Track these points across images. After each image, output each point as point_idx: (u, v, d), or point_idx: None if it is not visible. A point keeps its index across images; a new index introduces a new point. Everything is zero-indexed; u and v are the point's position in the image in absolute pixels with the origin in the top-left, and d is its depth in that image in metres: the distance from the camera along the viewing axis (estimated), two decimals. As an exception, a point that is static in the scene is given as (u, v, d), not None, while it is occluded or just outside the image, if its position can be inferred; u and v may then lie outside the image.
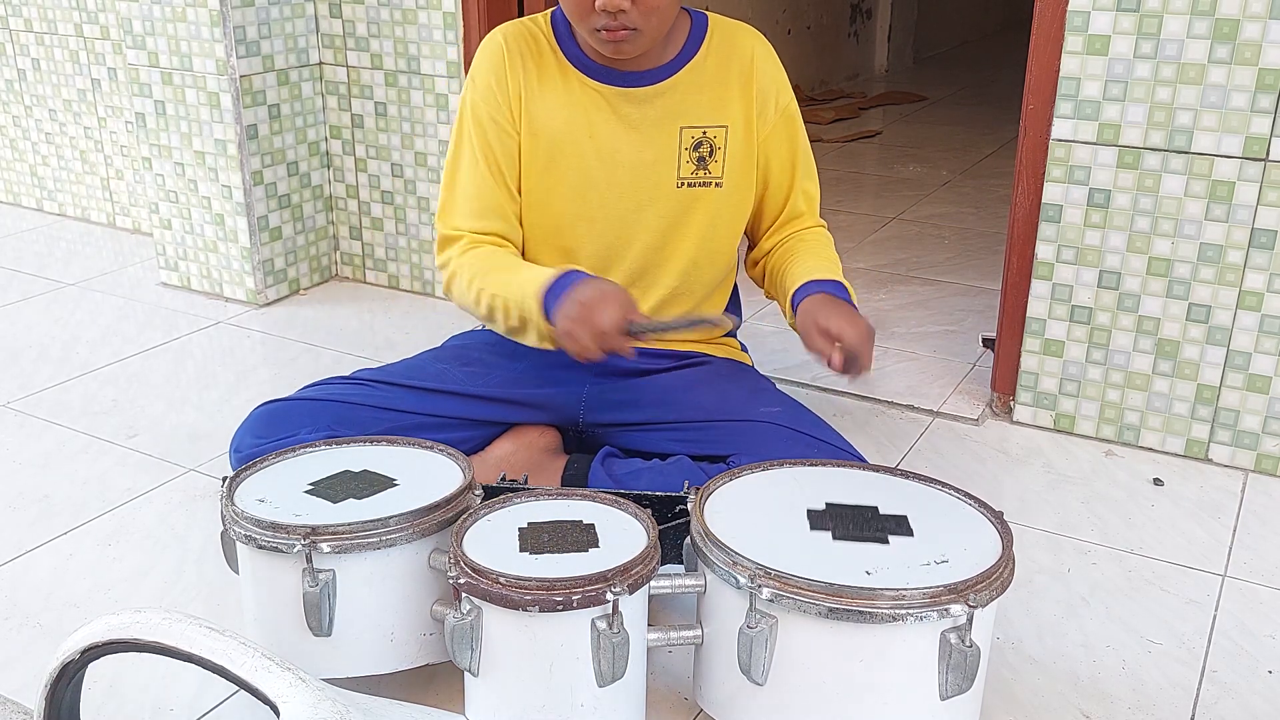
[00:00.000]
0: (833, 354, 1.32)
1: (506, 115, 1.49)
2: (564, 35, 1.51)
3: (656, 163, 1.50)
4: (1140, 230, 1.71)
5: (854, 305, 1.43)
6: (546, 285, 1.36)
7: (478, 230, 1.49)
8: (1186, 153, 1.65)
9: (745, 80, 1.52)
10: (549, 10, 1.54)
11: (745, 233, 1.65)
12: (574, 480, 1.49)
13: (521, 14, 2.27)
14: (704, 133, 1.50)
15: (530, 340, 1.45)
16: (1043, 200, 1.77)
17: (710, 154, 1.51)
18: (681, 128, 1.50)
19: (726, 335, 1.69)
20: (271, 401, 1.53)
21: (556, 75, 1.50)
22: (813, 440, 1.44)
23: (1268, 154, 1.61)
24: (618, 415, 1.55)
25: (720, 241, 1.57)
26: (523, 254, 1.55)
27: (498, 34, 1.52)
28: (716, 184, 1.52)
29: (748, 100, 1.52)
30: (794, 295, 1.46)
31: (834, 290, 1.45)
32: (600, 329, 1.30)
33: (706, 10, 1.60)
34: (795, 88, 4.53)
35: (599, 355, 1.32)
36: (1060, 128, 1.72)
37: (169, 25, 2.30)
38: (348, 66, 2.39)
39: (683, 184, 1.51)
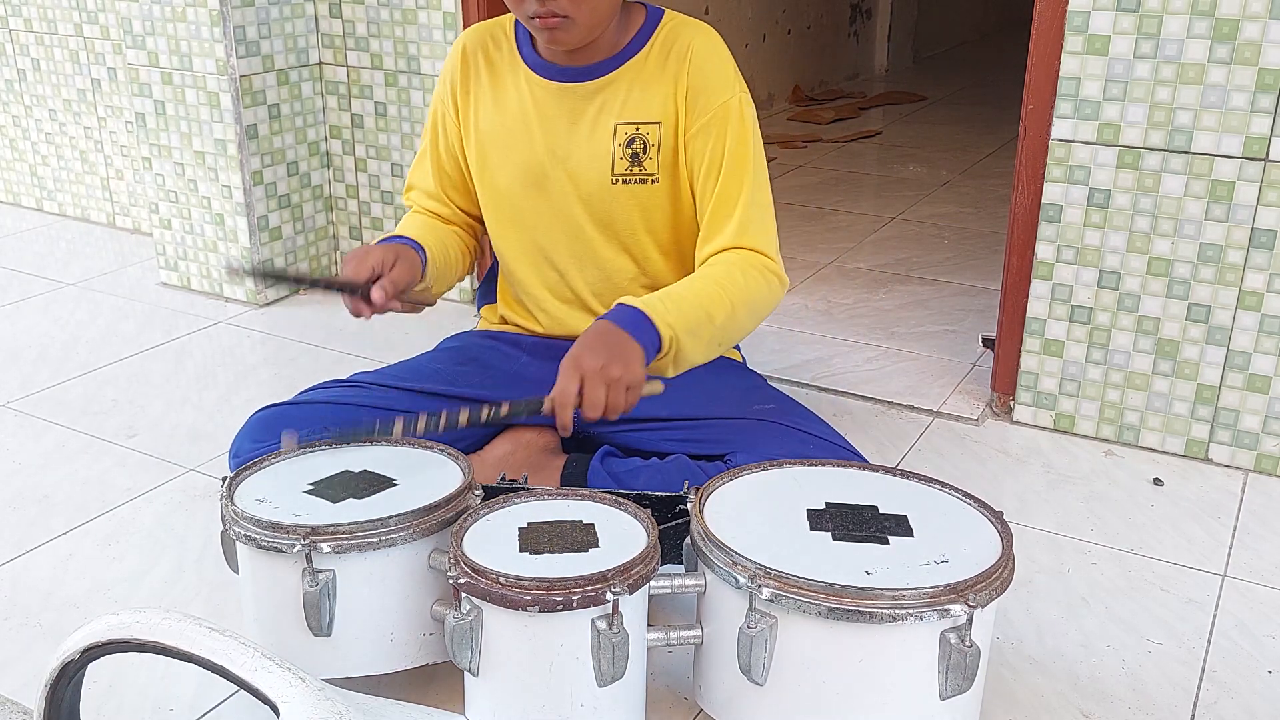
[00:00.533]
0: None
1: (451, 111, 1.58)
2: (523, 35, 1.54)
3: (594, 159, 1.50)
4: (1140, 230, 1.71)
5: (641, 325, 1.31)
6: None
7: (416, 202, 1.65)
8: (1186, 153, 1.65)
9: (678, 76, 1.48)
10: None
11: None
12: (573, 479, 1.49)
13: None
14: (637, 129, 1.49)
15: None
16: (1043, 200, 1.77)
17: (644, 151, 1.49)
18: (616, 124, 1.49)
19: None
20: (269, 406, 1.53)
21: (509, 71, 1.54)
22: (808, 436, 1.44)
23: (1268, 154, 1.61)
24: (612, 414, 1.55)
25: (668, 240, 1.55)
26: (472, 240, 1.67)
27: (464, 34, 1.59)
28: (653, 180, 1.50)
29: (678, 97, 1.48)
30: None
31: (619, 316, 1.32)
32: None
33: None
34: (795, 88, 4.57)
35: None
36: (1060, 128, 1.72)
37: (169, 25, 2.30)
38: (348, 66, 2.39)
39: (617, 180, 1.50)
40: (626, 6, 1.49)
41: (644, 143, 1.48)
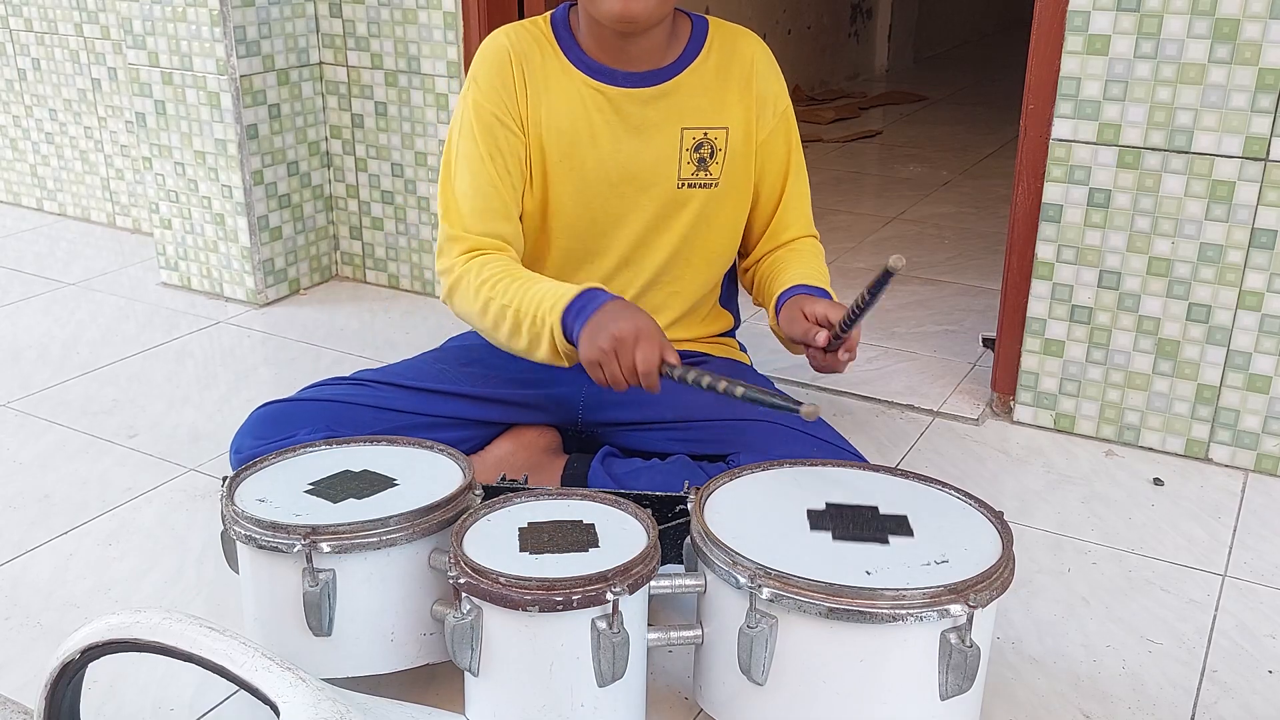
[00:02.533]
0: (818, 332, 1.35)
1: (513, 115, 1.47)
2: (565, 37, 1.51)
3: (658, 163, 1.51)
4: (1140, 230, 1.71)
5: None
6: (568, 303, 1.33)
7: (484, 233, 1.45)
8: (1186, 153, 1.65)
9: (745, 83, 1.52)
10: (547, 13, 1.54)
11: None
12: (573, 480, 1.50)
13: (522, 13, 2.28)
14: (705, 134, 1.51)
15: (539, 357, 1.39)
16: (1043, 200, 1.77)
17: (711, 155, 1.51)
18: (683, 129, 1.50)
19: (725, 335, 1.69)
20: (271, 403, 1.53)
21: (560, 76, 1.50)
22: (812, 439, 1.44)
23: (1268, 154, 1.61)
24: (616, 415, 1.55)
25: (716, 241, 1.58)
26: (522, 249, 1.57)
27: (500, 35, 1.51)
28: (715, 185, 1.53)
29: (747, 103, 1.52)
30: (779, 296, 1.47)
31: (819, 294, 1.45)
32: (635, 368, 1.26)
33: (707, 10, 1.61)
34: (795, 88, 4.58)
35: (625, 387, 1.29)
36: (1060, 128, 1.72)
37: (169, 25, 2.30)
38: (348, 66, 2.39)
39: (683, 184, 1.52)
40: (673, 14, 1.49)
41: (711, 147, 1.51)
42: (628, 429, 1.55)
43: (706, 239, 1.57)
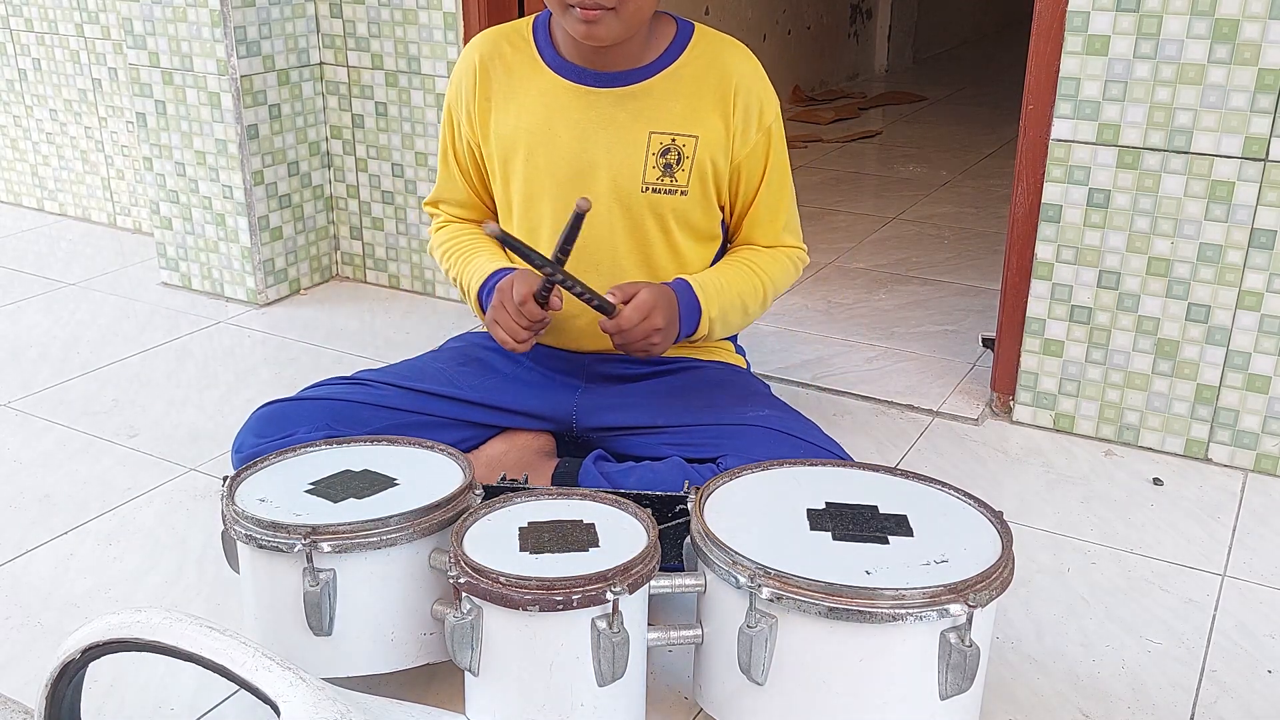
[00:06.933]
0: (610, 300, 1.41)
1: (468, 122, 1.57)
2: (543, 39, 1.53)
3: (624, 165, 1.50)
4: (1140, 230, 1.71)
5: (693, 313, 1.48)
6: (483, 281, 1.53)
7: (449, 214, 1.67)
8: (1186, 153, 1.65)
9: (726, 96, 1.49)
10: (532, 16, 1.57)
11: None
12: (563, 480, 1.49)
13: (522, 14, 2.28)
14: (673, 140, 1.49)
15: (476, 313, 1.58)
16: (1042, 200, 1.77)
17: (677, 162, 1.49)
18: (650, 132, 1.49)
19: (721, 340, 1.69)
20: (273, 402, 1.53)
21: (533, 75, 1.52)
22: (800, 442, 1.43)
23: (1267, 154, 1.61)
24: (609, 420, 1.56)
25: (679, 249, 1.56)
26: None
27: (476, 40, 1.58)
28: (681, 192, 1.51)
29: (726, 116, 1.49)
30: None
31: (679, 289, 1.48)
32: (513, 304, 1.42)
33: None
34: (794, 88, 4.59)
35: (522, 336, 1.43)
36: (1060, 128, 1.72)
37: (170, 25, 2.30)
38: (348, 66, 2.40)
39: (647, 189, 1.50)
40: (655, 16, 1.49)
41: (679, 154, 1.49)
42: (620, 434, 1.55)
43: (673, 249, 1.55)
